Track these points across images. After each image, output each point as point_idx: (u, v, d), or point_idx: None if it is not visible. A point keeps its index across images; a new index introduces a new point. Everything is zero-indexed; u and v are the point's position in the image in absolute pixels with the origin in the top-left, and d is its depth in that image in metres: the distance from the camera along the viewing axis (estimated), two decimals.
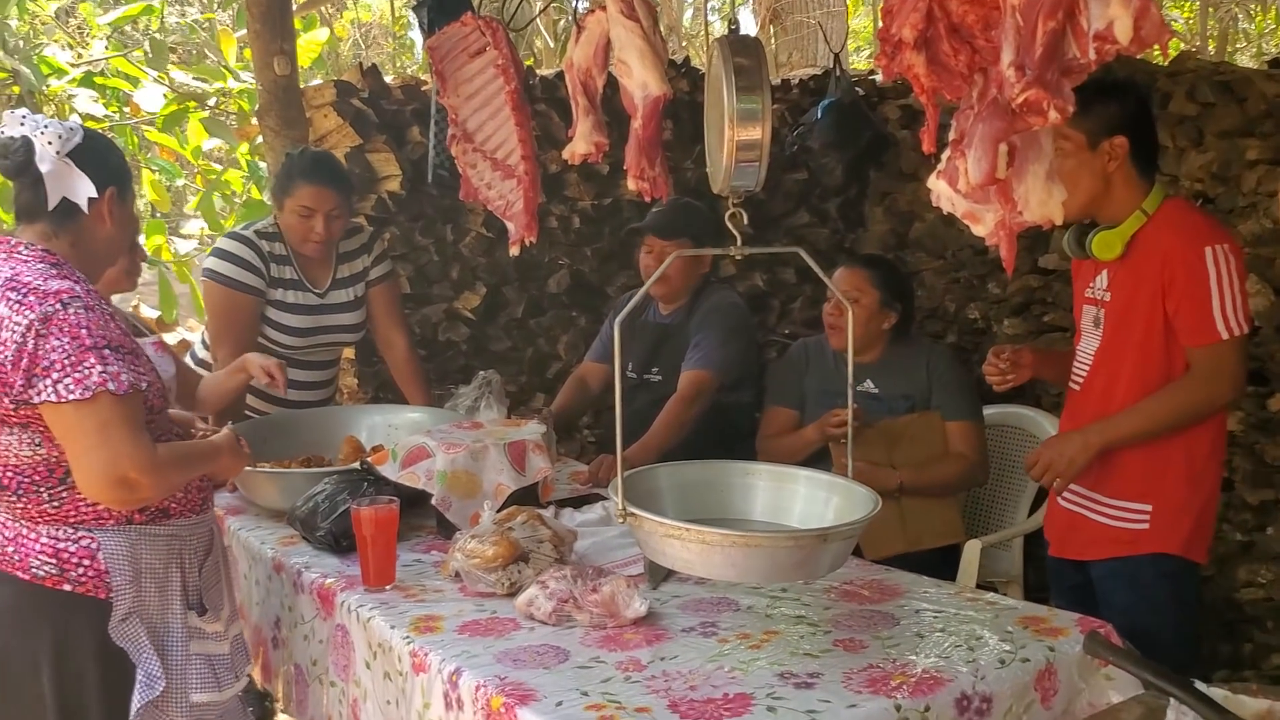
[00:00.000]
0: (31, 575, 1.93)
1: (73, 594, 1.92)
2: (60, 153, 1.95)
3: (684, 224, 3.22)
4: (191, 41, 6.58)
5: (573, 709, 1.71)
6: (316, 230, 3.07)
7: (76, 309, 1.85)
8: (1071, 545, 2.48)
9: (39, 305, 1.83)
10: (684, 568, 1.90)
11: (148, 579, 1.99)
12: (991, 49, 1.58)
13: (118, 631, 1.93)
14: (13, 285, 1.87)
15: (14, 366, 1.82)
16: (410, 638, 2.02)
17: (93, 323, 1.85)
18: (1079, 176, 2.25)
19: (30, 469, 1.92)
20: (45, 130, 1.95)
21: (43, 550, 1.93)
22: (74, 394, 1.80)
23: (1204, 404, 2.27)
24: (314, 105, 3.86)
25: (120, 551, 1.95)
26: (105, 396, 1.81)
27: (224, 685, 2.10)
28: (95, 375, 1.81)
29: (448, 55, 2.89)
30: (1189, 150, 3.67)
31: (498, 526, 2.27)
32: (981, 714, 1.80)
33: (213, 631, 2.11)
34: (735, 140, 1.89)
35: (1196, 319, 2.23)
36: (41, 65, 4.72)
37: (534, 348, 4.26)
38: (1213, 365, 2.24)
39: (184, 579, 2.05)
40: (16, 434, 1.89)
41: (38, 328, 1.82)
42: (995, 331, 4.29)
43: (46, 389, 1.81)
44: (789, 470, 2.22)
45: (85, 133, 2.01)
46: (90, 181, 1.97)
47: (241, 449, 2.19)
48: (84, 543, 1.94)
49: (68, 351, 1.81)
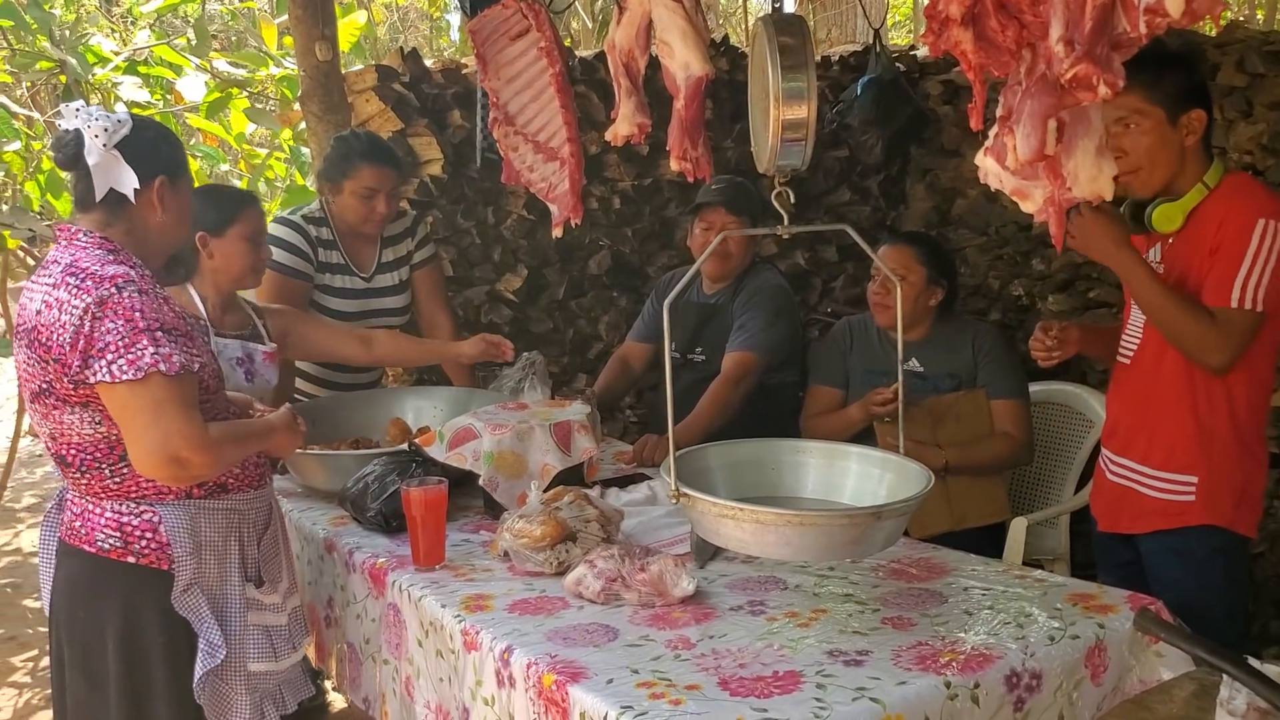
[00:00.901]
0: (97, 548, 2.00)
1: (136, 565, 1.99)
2: (107, 145, 1.99)
3: (745, 202, 3.22)
4: (232, 29, 6.62)
5: (623, 686, 1.73)
6: (378, 210, 3.13)
7: (130, 293, 1.90)
8: (1120, 519, 2.47)
9: (95, 289, 1.89)
10: (738, 547, 1.91)
11: (207, 551, 2.05)
12: (1039, 24, 1.56)
13: (180, 601, 2.00)
14: (71, 271, 1.93)
15: (71, 348, 1.88)
16: (461, 616, 2.05)
17: (146, 306, 1.90)
18: (1159, 153, 2.24)
19: (92, 446, 1.98)
20: (94, 123, 1.99)
21: (107, 524, 2.00)
22: (127, 374, 1.85)
23: (1196, 340, 2.20)
24: (355, 90, 3.89)
25: (181, 524, 2.01)
26: (157, 377, 1.87)
27: (281, 656, 2.16)
28: (148, 356, 1.86)
29: (489, 38, 2.89)
30: (1238, 121, 3.62)
31: (545, 506, 2.29)
32: (1031, 691, 1.80)
33: (270, 603, 2.16)
34: (781, 119, 1.89)
35: (1218, 278, 2.20)
36: (87, 55, 4.77)
37: (575, 329, 4.29)
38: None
39: (242, 552, 2.11)
40: (78, 413, 1.94)
41: (94, 310, 1.87)
42: (1040, 308, 4.26)
43: (101, 369, 1.86)
44: (840, 447, 2.22)
45: (135, 123, 2.04)
46: (134, 173, 2.00)
47: (297, 426, 2.23)
48: (146, 516, 2.00)
49: (122, 333, 1.87)
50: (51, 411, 1.97)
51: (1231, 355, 2.21)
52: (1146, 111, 2.21)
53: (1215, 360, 2.22)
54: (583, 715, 1.71)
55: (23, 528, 5.88)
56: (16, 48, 4.94)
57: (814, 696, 1.68)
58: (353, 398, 3.22)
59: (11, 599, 4.89)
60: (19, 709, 3.84)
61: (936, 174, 4.72)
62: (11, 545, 5.62)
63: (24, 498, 6.39)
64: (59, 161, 2.05)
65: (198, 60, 5.18)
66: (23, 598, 4.88)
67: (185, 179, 2.13)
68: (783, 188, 1.96)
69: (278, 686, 2.19)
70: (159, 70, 5.14)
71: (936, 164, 4.71)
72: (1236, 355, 2.22)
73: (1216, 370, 2.23)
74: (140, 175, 2.01)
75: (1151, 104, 2.21)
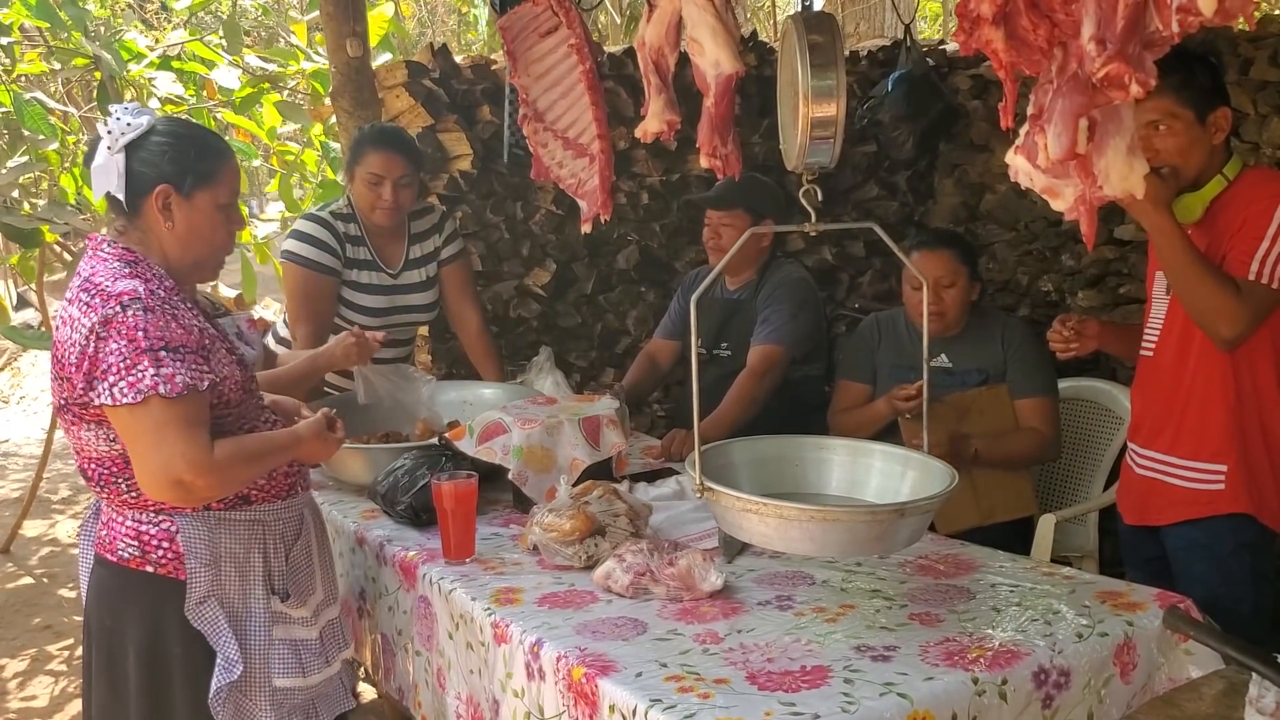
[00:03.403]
0: (118, 557, 1.97)
1: (155, 575, 1.95)
2: (111, 148, 1.94)
3: (739, 196, 3.23)
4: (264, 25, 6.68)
5: (652, 680, 1.75)
6: (385, 197, 3.12)
7: (135, 311, 1.84)
8: (1148, 511, 2.47)
9: (102, 308, 1.84)
10: (762, 542, 1.92)
11: (227, 563, 1.99)
12: (1071, 23, 1.56)
13: (194, 614, 1.95)
14: (85, 286, 1.90)
15: (77, 369, 1.85)
16: (491, 609, 2.07)
17: (150, 325, 1.84)
18: (1192, 152, 2.26)
19: (109, 461, 1.95)
20: (112, 124, 1.95)
21: (127, 533, 1.97)
22: (126, 398, 1.81)
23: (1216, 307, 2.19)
24: (386, 86, 3.92)
25: (198, 535, 1.96)
26: (155, 400, 1.81)
27: (310, 671, 2.09)
28: (147, 379, 1.81)
29: (519, 35, 2.91)
30: (1271, 116, 3.58)
31: (574, 501, 2.31)
32: (1059, 687, 1.81)
33: (298, 617, 2.09)
34: (810, 117, 1.90)
35: (1238, 254, 2.22)
36: (122, 51, 4.83)
37: (603, 323, 4.30)
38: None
39: (267, 565, 2.05)
40: (93, 430, 1.92)
41: (98, 330, 1.83)
42: (1069, 304, 4.23)
43: (104, 392, 1.83)
44: (864, 445, 2.23)
45: (153, 128, 1.97)
46: (122, 178, 1.94)
47: (330, 434, 2.15)
48: (164, 525, 1.96)
49: (124, 354, 1.82)
50: (70, 426, 1.95)
51: (1244, 328, 2.21)
52: (1179, 114, 2.24)
53: (1228, 330, 2.21)
54: (612, 708, 1.72)
55: (60, 519, 5.97)
56: (53, 44, 5.00)
57: (842, 691, 1.69)
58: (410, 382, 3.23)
59: (48, 589, 4.97)
60: (55, 696, 3.91)
61: (965, 169, 4.70)
62: (48, 536, 5.71)
63: (60, 489, 6.49)
64: (85, 163, 2.03)
65: (230, 56, 5.22)
66: (58, 587, 4.96)
67: (207, 189, 2.00)
68: (810, 185, 1.97)
69: (309, 702, 2.11)
70: (192, 65, 5.19)
71: (965, 159, 4.69)
72: (1249, 330, 2.22)
73: (1226, 343, 2.24)
74: (141, 183, 1.95)
75: (1183, 106, 2.23)
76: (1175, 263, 2.23)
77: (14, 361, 9.10)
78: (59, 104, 5.36)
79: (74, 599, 4.80)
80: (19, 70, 4.96)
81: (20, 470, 7.00)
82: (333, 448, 2.16)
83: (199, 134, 2.08)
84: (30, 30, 5.21)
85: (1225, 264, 2.23)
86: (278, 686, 2.03)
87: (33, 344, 5.08)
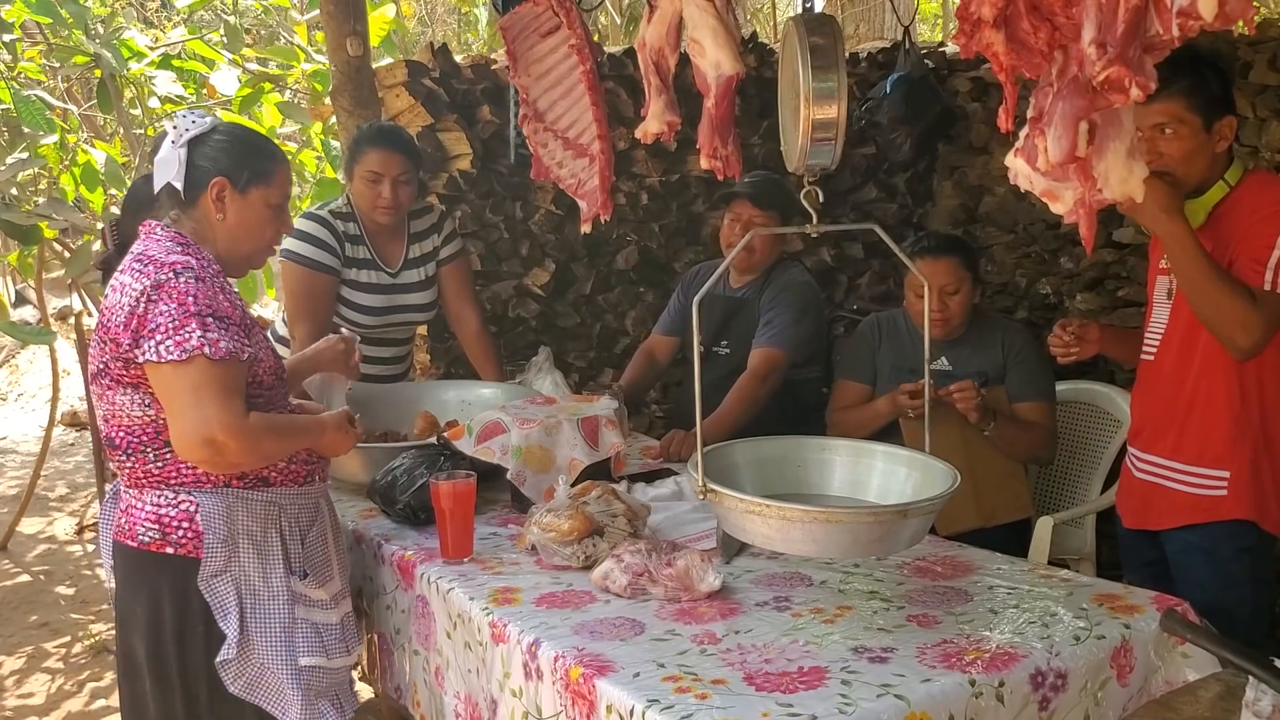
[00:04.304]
0: (138, 542, 2.03)
1: (174, 556, 2.01)
2: (175, 141, 2.05)
3: (774, 197, 3.23)
4: (264, 24, 6.68)
5: (650, 680, 1.75)
6: (384, 195, 3.12)
7: (187, 278, 1.94)
8: (1149, 516, 2.47)
9: (155, 274, 1.94)
10: (764, 543, 1.92)
11: (245, 540, 2.04)
12: (1072, 26, 1.56)
13: (206, 585, 2.00)
14: (139, 258, 2.00)
15: (124, 328, 1.93)
16: (489, 609, 2.07)
17: (200, 292, 1.94)
18: (1197, 159, 2.26)
19: (140, 429, 2.01)
20: (178, 120, 2.08)
21: (146, 517, 2.03)
22: (172, 355, 1.89)
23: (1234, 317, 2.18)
24: (386, 85, 3.92)
25: (216, 512, 2.02)
26: (200, 360, 1.90)
27: (333, 655, 2.14)
28: (194, 339, 1.90)
29: (519, 35, 2.91)
30: (1270, 120, 3.59)
31: (572, 501, 2.31)
32: (1056, 690, 1.81)
33: (318, 599, 2.14)
34: (811, 119, 1.90)
35: (1248, 262, 2.20)
36: (122, 49, 4.82)
37: (602, 323, 4.31)
38: None
39: (284, 545, 2.10)
40: (128, 394, 1.99)
41: (150, 293, 1.93)
42: (1067, 307, 4.24)
43: (149, 349, 1.91)
44: (866, 445, 2.23)
45: (214, 126, 2.10)
46: (183, 170, 2.05)
47: (351, 429, 2.21)
48: (183, 506, 2.02)
49: (173, 316, 1.91)
50: (106, 392, 2.01)
51: (1259, 338, 2.20)
52: (1186, 120, 2.23)
53: (1245, 340, 2.19)
54: (609, 708, 1.73)
55: (57, 516, 5.97)
56: (54, 42, 5.00)
57: (839, 693, 1.69)
58: (382, 390, 3.24)
59: (45, 586, 4.97)
60: (51, 694, 3.91)
61: (964, 171, 4.70)
62: (45, 533, 5.70)
63: (57, 487, 6.49)
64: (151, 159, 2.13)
65: (230, 55, 5.22)
66: (55, 585, 4.96)
67: (261, 187, 2.11)
68: (811, 186, 1.98)
69: (334, 688, 2.15)
70: (192, 64, 5.19)
71: (964, 161, 4.70)
72: (1264, 340, 2.20)
73: (1242, 353, 2.22)
74: (200, 175, 2.06)
75: (1191, 112, 2.23)
76: (1191, 271, 2.20)
77: (12, 359, 9.10)
78: (59, 101, 5.35)
79: (71, 596, 4.80)
80: (20, 68, 4.96)
81: (18, 468, 7.00)
82: (352, 441, 2.23)
83: (258, 138, 2.20)
84: (31, 27, 5.21)
85: (1235, 271, 2.22)
86: (303, 665, 2.08)
87: (32, 339, 5.08)
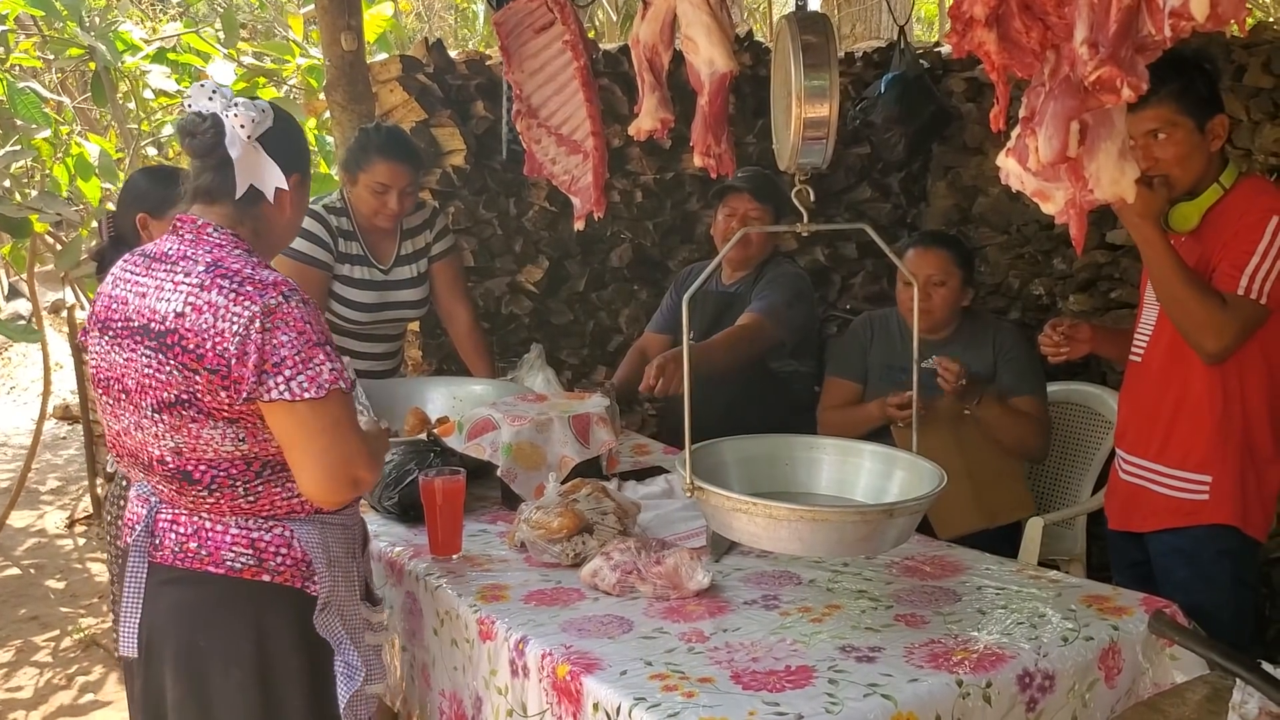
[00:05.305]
0: (227, 568, 1.81)
1: (271, 584, 1.82)
2: (251, 136, 1.81)
3: (771, 191, 3.23)
4: (260, 19, 6.66)
5: (637, 678, 1.74)
6: (390, 206, 3.11)
7: (296, 302, 1.75)
8: (1132, 518, 2.48)
9: (260, 297, 1.72)
10: (751, 541, 1.92)
11: (338, 569, 1.89)
12: (1064, 26, 1.56)
13: (319, 620, 1.84)
14: (221, 272, 1.76)
15: (239, 360, 1.71)
16: (477, 606, 2.06)
17: (312, 317, 1.76)
18: (1192, 160, 2.27)
19: (229, 464, 1.79)
20: (236, 111, 1.81)
21: (236, 542, 1.82)
22: (309, 392, 1.71)
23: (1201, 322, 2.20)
24: (380, 80, 3.91)
25: (315, 541, 1.85)
26: (337, 394, 1.74)
27: (384, 676, 2.03)
28: (326, 372, 1.73)
29: (513, 30, 2.90)
30: (1264, 123, 3.59)
31: (562, 498, 2.31)
32: (1044, 691, 1.81)
33: (376, 622, 2.02)
34: (803, 118, 1.90)
35: (1229, 266, 2.22)
36: (117, 42, 4.81)
37: (595, 321, 4.30)
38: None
39: (359, 570, 1.98)
40: (221, 428, 1.76)
41: (262, 321, 1.71)
42: (1060, 307, 4.24)
43: (279, 386, 1.71)
44: (854, 444, 2.23)
45: (275, 115, 1.87)
46: (279, 170, 1.85)
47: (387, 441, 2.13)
48: (277, 531, 1.83)
49: (296, 347, 1.72)
50: (188, 424, 1.76)
51: (1229, 343, 2.22)
52: (1179, 122, 2.24)
53: (1212, 345, 2.22)
54: (596, 706, 1.72)
55: (48, 510, 5.96)
56: (47, 34, 4.98)
57: (826, 692, 1.69)
58: (373, 386, 3.22)
59: (35, 580, 4.96)
60: (40, 688, 3.90)
61: (958, 171, 4.71)
62: (36, 527, 5.69)
63: (48, 480, 6.47)
64: (191, 146, 1.83)
65: (225, 49, 5.21)
66: (46, 578, 4.95)
67: (309, 175, 1.99)
68: (803, 185, 1.97)
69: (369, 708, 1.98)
70: (187, 58, 5.17)
71: (958, 161, 4.70)
72: (1234, 345, 2.23)
73: (1210, 357, 2.24)
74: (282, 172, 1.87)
75: (1183, 114, 2.24)
76: (1161, 275, 2.24)
77: (4, 352, 9.07)
78: (53, 94, 5.34)
79: (61, 590, 4.79)
80: (13, 60, 4.94)
81: (9, 461, 6.98)
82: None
83: (296, 120, 2.01)
84: (25, 19, 5.19)
85: (1216, 275, 2.24)
86: (370, 693, 1.94)
87: (20, 338, 5.06)
